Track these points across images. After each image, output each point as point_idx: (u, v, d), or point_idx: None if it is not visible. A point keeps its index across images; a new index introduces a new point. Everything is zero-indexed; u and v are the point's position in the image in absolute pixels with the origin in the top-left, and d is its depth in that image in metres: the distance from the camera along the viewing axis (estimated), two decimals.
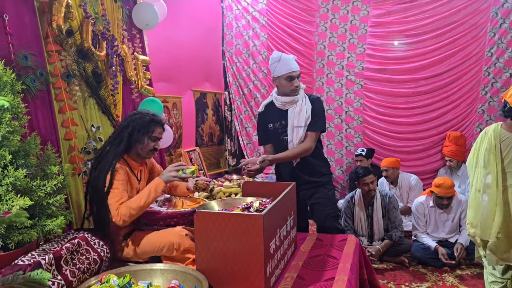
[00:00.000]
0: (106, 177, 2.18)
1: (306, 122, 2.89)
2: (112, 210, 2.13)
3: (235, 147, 6.02)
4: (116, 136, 2.34)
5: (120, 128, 2.37)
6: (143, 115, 2.37)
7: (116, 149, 2.27)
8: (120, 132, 2.33)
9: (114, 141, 2.32)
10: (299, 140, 2.89)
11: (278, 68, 2.90)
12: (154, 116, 2.40)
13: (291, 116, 2.93)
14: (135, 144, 2.35)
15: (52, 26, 2.51)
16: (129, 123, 2.34)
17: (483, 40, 4.99)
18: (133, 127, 2.32)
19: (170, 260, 2.17)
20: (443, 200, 3.82)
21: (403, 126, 5.35)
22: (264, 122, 3.09)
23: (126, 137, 2.29)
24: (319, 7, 5.49)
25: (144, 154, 2.40)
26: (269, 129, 3.05)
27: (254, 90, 5.80)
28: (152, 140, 2.38)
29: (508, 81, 4.94)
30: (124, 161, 2.35)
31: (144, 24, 3.38)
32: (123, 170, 2.27)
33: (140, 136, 2.33)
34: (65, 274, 1.74)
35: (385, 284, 3.47)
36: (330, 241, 2.55)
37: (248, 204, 2.17)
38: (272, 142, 3.09)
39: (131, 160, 2.40)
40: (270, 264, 1.87)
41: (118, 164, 2.26)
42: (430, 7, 5.09)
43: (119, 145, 2.29)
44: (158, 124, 2.41)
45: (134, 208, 2.13)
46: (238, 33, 5.80)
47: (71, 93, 2.67)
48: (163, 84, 4.26)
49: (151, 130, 2.36)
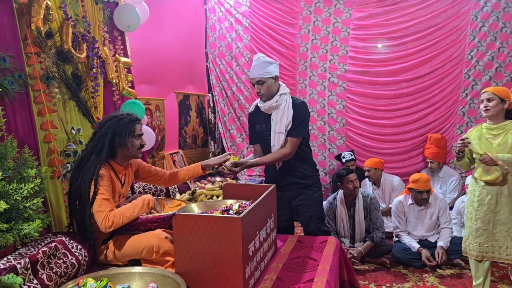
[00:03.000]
0: (90, 187, 2.17)
1: (286, 128, 2.90)
2: (99, 217, 2.13)
3: (219, 149, 6.01)
4: (96, 144, 2.31)
5: (98, 136, 2.33)
6: (119, 118, 2.36)
7: (98, 157, 2.26)
8: (100, 139, 2.30)
9: (94, 149, 2.29)
10: (280, 145, 2.91)
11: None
12: (130, 115, 2.40)
13: (274, 121, 2.95)
14: (120, 148, 2.34)
15: (31, 28, 2.48)
16: (107, 129, 2.31)
17: (463, 43, 5.09)
18: (113, 132, 2.30)
19: (150, 263, 2.16)
20: (422, 194, 3.89)
21: (386, 128, 5.42)
22: (253, 122, 3.12)
23: (107, 144, 2.28)
24: (302, 10, 5.53)
25: (134, 154, 2.41)
26: (256, 130, 3.09)
27: (237, 92, 5.81)
28: (136, 138, 2.39)
29: (488, 83, 5.04)
30: (108, 165, 2.34)
31: (125, 26, 3.36)
32: (107, 175, 2.27)
33: (123, 140, 2.32)
34: (42, 278, 1.73)
35: (366, 285, 3.51)
36: (310, 243, 2.57)
37: (227, 206, 2.17)
38: (260, 143, 3.11)
39: (116, 164, 2.39)
40: (249, 266, 1.87)
41: (102, 169, 2.25)
42: (412, 10, 5.17)
43: (101, 152, 2.26)
44: (136, 121, 2.42)
45: (128, 217, 2.18)
46: (221, 35, 5.80)
47: (50, 96, 2.64)
48: (146, 86, 4.24)
49: (132, 129, 2.36)
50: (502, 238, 2.99)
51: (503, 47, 4.98)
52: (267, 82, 2.91)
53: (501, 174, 2.93)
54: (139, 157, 2.49)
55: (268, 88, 2.92)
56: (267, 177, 3.23)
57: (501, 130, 2.97)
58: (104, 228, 2.12)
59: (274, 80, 2.94)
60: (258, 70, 2.91)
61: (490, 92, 2.99)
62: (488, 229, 3.03)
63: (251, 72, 2.96)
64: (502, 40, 4.96)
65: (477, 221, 3.06)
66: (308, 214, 3.01)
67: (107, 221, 2.12)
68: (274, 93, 2.95)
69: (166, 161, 4.55)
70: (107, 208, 2.15)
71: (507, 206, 2.96)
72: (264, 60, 2.93)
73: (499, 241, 3.00)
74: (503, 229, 2.98)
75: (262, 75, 2.90)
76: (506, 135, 2.94)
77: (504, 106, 2.96)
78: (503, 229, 2.98)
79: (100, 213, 2.14)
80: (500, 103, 2.95)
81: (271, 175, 3.13)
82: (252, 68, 2.94)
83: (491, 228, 3.02)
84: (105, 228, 2.12)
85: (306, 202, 3.01)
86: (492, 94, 2.97)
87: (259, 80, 2.91)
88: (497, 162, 2.85)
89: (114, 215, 2.13)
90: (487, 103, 2.98)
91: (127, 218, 2.18)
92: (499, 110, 2.96)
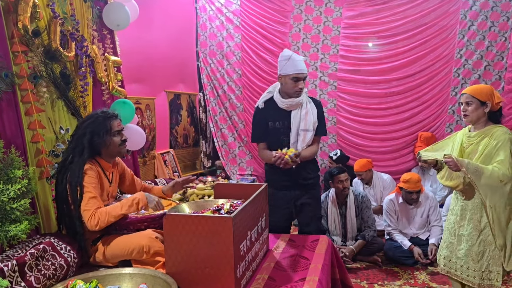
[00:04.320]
0: (77, 189, 2.15)
1: (314, 126, 2.86)
2: (86, 216, 2.11)
3: (210, 149, 5.99)
4: (75, 146, 2.29)
5: (76, 137, 2.32)
6: (95, 118, 2.35)
7: (80, 158, 2.24)
8: (78, 141, 2.29)
9: (75, 150, 2.27)
10: (306, 144, 2.85)
11: (286, 67, 2.80)
12: (105, 113, 2.38)
13: (296, 119, 2.85)
14: (102, 147, 2.32)
15: (18, 26, 2.44)
16: (84, 130, 2.30)
17: (453, 42, 5.12)
18: (91, 132, 2.29)
19: (140, 263, 2.14)
20: (412, 194, 3.90)
21: (377, 127, 5.44)
22: (263, 119, 2.93)
23: (87, 144, 2.26)
24: (292, 8, 5.52)
25: (117, 150, 2.39)
26: (269, 127, 2.92)
27: (228, 91, 5.79)
28: (115, 135, 2.37)
29: (477, 82, 5.09)
30: (96, 162, 2.32)
31: (115, 25, 3.32)
32: (94, 172, 2.25)
33: (102, 139, 2.31)
34: (29, 280, 1.70)
35: (358, 283, 3.51)
36: (302, 242, 2.56)
37: (219, 206, 2.16)
38: (268, 141, 2.95)
39: (104, 161, 2.38)
40: (241, 266, 1.86)
41: (89, 165, 2.24)
42: (402, 9, 5.19)
43: (82, 153, 2.25)
44: (112, 117, 2.39)
45: (114, 216, 2.16)
46: (212, 34, 5.78)
47: (38, 95, 2.60)
48: (136, 86, 4.20)
49: (109, 127, 2.34)
50: (464, 257, 2.64)
51: (491, 46, 5.02)
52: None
53: (462, 183, 2.57)
54: (123, 152, 2.47)
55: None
56: (269, 176, 3.03)
57: (478, 138, 2.60)
58: (90, 226, 2.11)
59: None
60: (304, 66, 2.83)
61: (468, 95, 2.58)
62: (453, 243, 2.72)
63: (299, 67, 2.79)
64: (490, 39, 5.01)
65: (446, 231, 2.82)
66: (311, 214, 2.98)
67: (93, 219, 2.10)
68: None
69: (157, 161, 4.52)
70: (93, 206, 2.14)
71: (470, 222, 2.61)
72: (301, 57, 2.88)
73: (461, 259, 2.66)
74: (465, 246, 2.63)
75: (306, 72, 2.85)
76: (479, 142, 2.58)
77: (485, 109, 2.55)
78: (464, 247, 2.64)
79: (87, 211, 2.13)
80: (480, 106, 2.55)
81: (275, 174, 2.92)
82: (297, 62, 2.80)
83: (456, 243, 2.70)
84: (91, 227, 2.11)
85: (311, 201, 2.97)
86: (470, 97, 2.57)
87: (305, 76, 2.84)
88: (460, 168, 2.46)
89: (100, 213, 2.12)
90: (465, 107, 2.60)
91: (114, 217, 2.16)
92: (479, 114, 2.56)
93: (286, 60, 2.81)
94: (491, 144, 2.52)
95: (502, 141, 2.49)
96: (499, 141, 2.50)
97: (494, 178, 2.45)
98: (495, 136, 2.52)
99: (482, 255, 2.58)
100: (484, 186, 2.47)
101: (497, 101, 2.56)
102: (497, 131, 2.54)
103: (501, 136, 2.51)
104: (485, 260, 2.57)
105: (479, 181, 2.47)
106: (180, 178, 2.85)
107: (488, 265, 2.57)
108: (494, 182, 2.46)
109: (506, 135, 2.51)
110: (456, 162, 2.46)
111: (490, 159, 2.52)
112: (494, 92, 2.59)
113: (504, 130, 2.55)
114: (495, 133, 2.53)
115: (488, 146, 2.53)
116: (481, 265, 2.58)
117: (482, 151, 2.54)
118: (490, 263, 2.56)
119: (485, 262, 2.57)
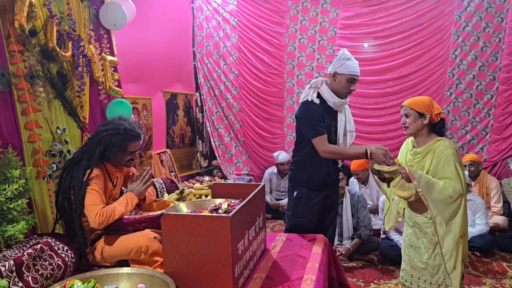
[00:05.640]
0: (80, 189, 2.13)
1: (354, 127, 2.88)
2: (93, 211, 2.09)
3: (207, 149, 5.99)
4: (87, 149, 2.25)
5: (90, 143, 2.27)
6: (115, 132, 2.24)
7: (88, 161, 2.21)
8: (92, 147, 2.24)
9: (85, 154, 2.24)
10: (348, 144, 2.84)
11: (346, 66, 2.69)
12: (127, 131, 2.27)
13: (343, 120, 2.82)
14: (111, 159, 2.31)
15: (14, 26, 2.44)
16: (100, 140, 2.23)
17: (448, 43, 5.16)
18: (105, 145, 2.22)
19: (138, 263, 2.14)
20: None
21: (373, 127, 5.46)
22: (322, 115, 2.72)
23: (97, 154, 2.21)
24: (289, 9, 5.54)
25: (123, 165, 2.38)
26: (326, 123, 2.75)
27: (225, 91, 5.79)
28: (128, 155, 2.33)
29: (471, 82, 5.13)
30: (103, 166, 2.31)
31: (112, 24, 3.32)
32: (101, 175, 2.24)
33: (113, 155, 2.28)
34: (27, 280, 1.69)
35: (355, 282, 3.53)
36: (299, 241, 2.57)
37: (216, 205, 2.16)
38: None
39: (110, 166, 2.36)
40: (239, 265, 1.87)
41: (97, 170, 2.22)
42: (397, 10, 5.22)
43: (91, 158, 2.21)
44: (133, 139, 2.31)
45: (117, 213, 2.15)
46: (209, 34, 5.78)
47: (34, 95, 2.60)
48: (133, 85, 4.20)
49: (126, 147, 2.29)
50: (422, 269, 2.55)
51: (486, 47, 5.06)
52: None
53: (414, 194, 2.45)
54: (128, 167, 2.46)
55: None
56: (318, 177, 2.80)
57: (422, 155, 2.51)
58: (98, 223, 2.08)
59: None
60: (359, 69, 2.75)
61: (406, 106, 2.51)
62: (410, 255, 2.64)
63: (356, 69, 2.72)
64: (485, 40, 5.05)
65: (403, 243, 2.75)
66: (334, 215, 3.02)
67: (101, 216, 2.08)
68: None
69: (154, 161, 4.51)
70: (101, 204, 2.13)
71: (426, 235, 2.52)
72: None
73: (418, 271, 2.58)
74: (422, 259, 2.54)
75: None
76: (425, 158, 2.49)
77: (424, 121, 2.46)
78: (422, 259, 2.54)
79: (95, 207, 2.10)
80: (419, 118, 2.47)
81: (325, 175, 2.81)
82: (356, 64, 2.72)
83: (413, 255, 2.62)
84: (98, 224, 2.08)
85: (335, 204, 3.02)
86: (408, 109, 2.50)
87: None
88: (412, 180, 2.38)
89: (107, 210, 2.11)
90: (404, 119, 2.53)
91: (118, 215, 2.15)
92: (418, 126, 2.48)
93: (346, 59, 2.71)
94: (433, 163, 2.43)
95: (444, 158, 2.39)
96: (441, 158, 2.40)
97: (445, 194, 2.36)
98: (437, 152, 2.42)
99: (438, 269, 2.48)
100: (434, 201, 2.38)
101: (436, 112, 2.48)
102: (439, 146, 2.43)
103: (443, 152, 2.41)
104: (441, 274, 2.47)
105: (430, 196, 2.38)
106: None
107: (444, 279, 2.46)
108: (444, 198, 2.36)
109: (448, 150, 2.40)
110: (408, 174, 2.38)
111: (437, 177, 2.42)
112: (433, 103, 2.51)
113: (446, 144, 2.43)
114: (437, 148, 2.43)
115: (432, 163, 2.44)
116: (437, 279, 2.48)
117: (428, 168, 2.45)
118: (445, 277, 2.46)
119: (441, 276, 2.47)
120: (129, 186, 2.34)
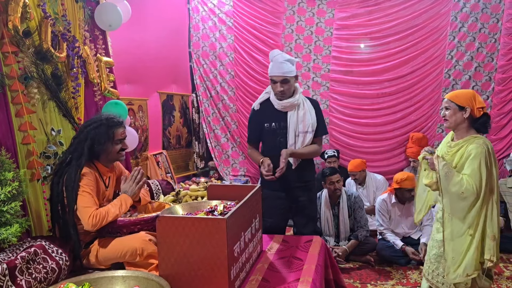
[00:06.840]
0: (72, 192, 2.12)
1: (313, 127, 2.85)
2: (86, 214, 2.08)
3: (203, 150, 5.97)
4: (74, 149, 2.26)
5: (77, 141, 2.28)
6: (98, 124, 2.29)
7: (78, 161, 2.21)
8: (79, 145, 2.25)
9: (74, 154, 2.24)
10: (304, 144, 2.84)
11: (269, 68, 2.81)
12: (109, 120, 2.32)
13: (293, 120, 2.83)
14: (101, 153, 2.30)
15: (8, 27, 2.41)
16: (86, 135, 2.26)
17: (444, 43, 5.17)
18: (92, 139, 2.24)
19: (133, 266, 2.12)
20: (412, 191, 3.87)
21: (369, 127, 5.46)
22: (259, 121, 2.93)
23: (86, 150, 2.22)
24: (285, 10, 5.53)
25: (114, 158, 2.37)
26: (264, 128, 2.90)
27: (221, 92, 5.78)
28: (116, 143, 2.34)
29: (467, 83, 5.14)
30: (93, 166, 2.30)
31: (107, 25, 3.30)
32: (92, 175, 2.23)
33: (101, 147, 2.28)
34: (20, 284, 1.68)
35: (352, 283, 3.52)
36: (295, 243, 2.56)
37: (212, 207, 2.15)
38: (264, 142, 2.97)
39: (101, 165, 2.36)
40: (235, 267, 1.85)
41: (87, 169, 2.21)
42: (393, 11, 5.23)
43: (80, 158, 2.21)
44: (116, 126, 2.34)
45: (111, 215, 2.13)
46: (205, 35, 5.76)
47: (29, 96, 2.58)
48: (128, 86, 4.18)
49: (112, 135, 2.31)
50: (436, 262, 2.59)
51: (481, 47, 5.07)
52: (291, 81, 2.80)
53: (435, 182, 2.51)
54: (121, 160, 2.45)
55: (290, 87, 2.81)
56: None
57: (455, 148, 2.48)
58: (91, 225, 2.07)
59: (295, 79, 2.86)
60: (284, 68, 2.75)
61: (447, 99, 2.50)
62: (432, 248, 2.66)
63: (275, 70, 2.76)
64: (480, 40, 5.06)
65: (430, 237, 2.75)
66: (308, 215, 2.98)
67: (94, 219, 2.07)
68: (293, 91, 2.86)
69: (150, 162, 4.49)
70: (94, 206, 2.12)
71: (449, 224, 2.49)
72: (288, 58, 2.78)
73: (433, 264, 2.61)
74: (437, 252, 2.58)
75: (287, 74, 2.76)
76: (457, 152, 2.46)
77: (464, 115, 2.42)
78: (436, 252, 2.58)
79: (88, 209, 2.09)
80: (459, 111, 2.44)
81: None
82: (276, 65, 2.76)
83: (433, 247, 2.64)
84: (92, 226, 2.07)
85: (308, 203, 2.97)
86: (449, 102, 2.48)
87: (285, 79, 2.76)
88: (435, 168, 2.44)
89: (101, 212, 2.10)
90: (444, 112, 2.52)
91: (112, 217, 2.14)
92: (458, 120, 2.45)
93: (270, 60, 2.82)
94: (462, 159, 2.42)
95: (472, 155, 2.36)
96: (469, 155, 2.38)
97: (458, 188, 2.36)
98: (469, 148, 2.39)
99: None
100: (448, 192, 2.41)
101: (478, 106, 2.41)
102: (473, 142, 2.40)
103: (472, 149, 2.37)
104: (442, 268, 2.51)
105: (446, 185, 2.40)
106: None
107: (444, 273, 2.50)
108: (456, 191, 2.37)
109: (479, 148, 2.36)
110: (434, 162, 2.43)
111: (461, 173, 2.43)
112: (476, 97, 2.44)
113: (480, 142, 2.39)
114: (470, 144, 2.40)
115: (462, 158, 2.42)
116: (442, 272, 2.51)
117: (457, 163, 2.45)
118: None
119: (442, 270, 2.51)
120: (122, 188, 2.33)
